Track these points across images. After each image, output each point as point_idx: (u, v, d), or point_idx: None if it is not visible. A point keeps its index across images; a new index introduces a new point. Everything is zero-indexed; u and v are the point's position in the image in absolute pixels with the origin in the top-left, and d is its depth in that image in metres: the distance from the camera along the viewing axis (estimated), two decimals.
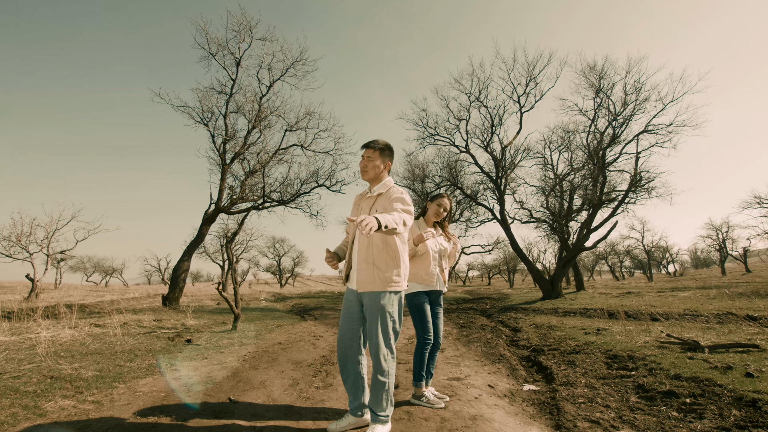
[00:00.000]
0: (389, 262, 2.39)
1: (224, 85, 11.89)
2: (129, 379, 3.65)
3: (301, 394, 3.25)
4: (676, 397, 2.96)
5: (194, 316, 8.77)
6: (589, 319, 7.94)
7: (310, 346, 5.55)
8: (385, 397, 2.37)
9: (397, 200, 2.36)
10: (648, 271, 36.53)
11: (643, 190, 13.88)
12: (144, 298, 15.49)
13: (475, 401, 3.04)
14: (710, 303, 9.33)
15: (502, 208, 15.53)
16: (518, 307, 11.53)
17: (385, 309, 2.36)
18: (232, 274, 7.55)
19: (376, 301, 2.36)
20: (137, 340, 5.62)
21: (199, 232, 11.77)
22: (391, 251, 2.41)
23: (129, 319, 7.89)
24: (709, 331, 5.52)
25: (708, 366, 3.56)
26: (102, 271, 40.29)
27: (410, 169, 19.16)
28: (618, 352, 4.47)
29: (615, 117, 14.17)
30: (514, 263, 39.90)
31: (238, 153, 11.95)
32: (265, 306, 13.76)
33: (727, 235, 32.45)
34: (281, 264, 41.99)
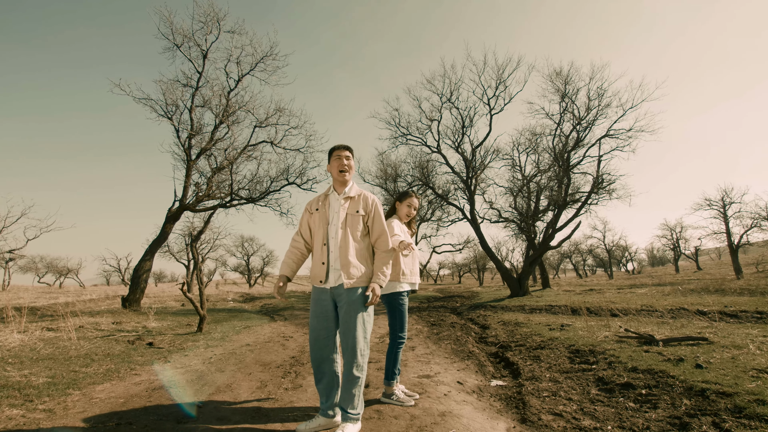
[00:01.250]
0: (369, 260, 2.58)
1: (190, 78, 11.44)
2: (84, 385, 3.45)
3: (270, 396, 3.18)
4: (633, 388, 3.11)
5: (157, 318, 8.42)
6: (554, 316, 8.22)
7: (279, 347, 5.45)
8: (357, 394, 2.38)
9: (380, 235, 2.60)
10: (609, 269, 38.33)
11: (605, 192, 14.53)
12: (102, 300, 14.74)
13: (444, 398, 3.08)
14: (665, 299, 9.90)
15: (472, 207, 15.83)
16: (487, 305, 11.80)
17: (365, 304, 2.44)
18: (198, 274, 7.31)
19: (357, 296, 2.43)
20: (94, 344, 5.33)
21: (163, 231, 11.29)
22: (371, 250, 2.63)
23: (85, 322, 7.48)
24: (664, 326, 5.84)
25: (662, 358, 3.76)
26: (56, 271, 37.91)
27: (382, 168, 19.22)
28: (580, 347, 4.65)
29: (579, 121, 14.73)
30: (483, 262, 40.81)
31: (205, 149, 11.54)
32: (233, 307, 13.41)
33: (681, 235, 34.55)
34: (250, 263, 40.98)
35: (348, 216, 2.55)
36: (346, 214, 2.55)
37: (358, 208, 2.57)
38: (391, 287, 3.02)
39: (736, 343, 4.19)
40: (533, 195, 16.91)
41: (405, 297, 3.07)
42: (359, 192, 2.67)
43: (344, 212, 2.56)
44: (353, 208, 2.57)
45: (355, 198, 2.62)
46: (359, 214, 2.56)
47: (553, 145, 15.77)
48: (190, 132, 11.31)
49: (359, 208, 2.58)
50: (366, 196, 2.65)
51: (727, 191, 22.11)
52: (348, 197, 2.61)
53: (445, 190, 17.53)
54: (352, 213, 2.56)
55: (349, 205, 2.59)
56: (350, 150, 2.69)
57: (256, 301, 16.97)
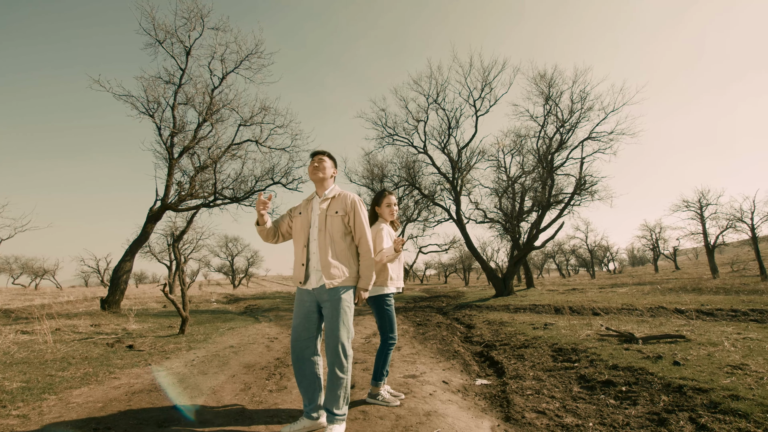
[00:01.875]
0: (352, 260, 2.56)
1: (172, 75, 11.23)
2: (61, 389, 3.35)
3: (254, 398, 3.14)
4: (614, 385, 3.17)
5: (137, 320, 8.23)
6: (538, 315, 8.35)
7: (263, 349, 5.39)
8: (342, 395, 2.37)
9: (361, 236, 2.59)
10: (591, 269, 39.11)
11: (587, 193, 14.83)
12: (80, 302, 14.34)
13: (429, 398, 3.09)
14: (644, 298, 10.15)
15: (458, 208, 15.96)
16: (473, 305, 11.90)
17: (346, 304, 2.44)
18: (180, 274, 7.17)
19: (340, 296, 2.43)
20: (71, 348, 5.18)
21: (143, 231, 11.04)
22: (352, 249, 2.61)
23: (62, 324, 7.26)
24: (643, 324, 5.98)
25: (641, 356, 3.85)
26: (31, 272, 36.66)
27: (369, 168, 19.22)
28: (563, 346, 4.73)
29: (562, 124, 14.99)
30: (469, 262, 41.19)
31: (188, 147, 11.33)
32: (217, 308, 13.21)
33: (660, 236, 35.49)
34: (234, 264, 40.42)
35: (327, 217, 2.55)
36: (325, 215, 2.56)
37: (337, 209, 2.58)
38: (377, 290, 3.03)
39: (712, 341, 4.32)
40: (518, 196, 17.15)
41: (391, 298, 3.09)
42: (339, 192, 2.68)
43: (324, 213, 2.57)
44: (333, 209, 2.58)
45: (335, 198, 2.63)
46: (338, 214, 2.56)
47: (538, 147, 16.02)
48: (172, 130, 11.09)
49: (338, 209, 2.58)
50: (345, 196, 2.64)
51: (704, 193, 22.81)
52: (327, 198, 2.62)
53: (431, 191, 17.64)
54: (332, 214, 2.56)
55: (329, 206, 2.60)
56: (324, 153, 2.70)
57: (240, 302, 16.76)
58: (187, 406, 2.94)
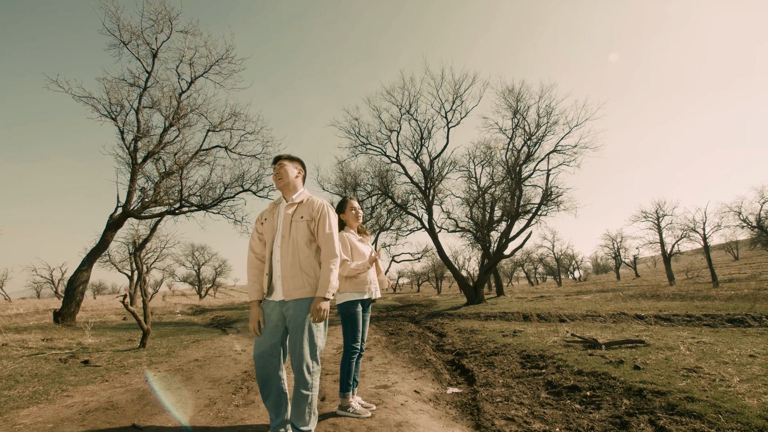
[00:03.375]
0: (317, 268, 2.38)
1: (137, 77, 10.84)
2: (6, 410, 3.10)
3: (219, 414, 3.01)
4: (579, 390, 3.26)
5: (94, 333, 7.76)
6: (507, 322, 8.50)
7: (230, 362, 5.20)
8: (307, 410, 2.26)
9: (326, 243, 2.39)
10: (558, 277, 40.40)
11: (553, 204, 15.37)
12: (31, 315, 13.40)
13: (401, 408, 3.06)
14: (607, 305, 10.55)
15: (431, 217, 16.13)
16: (445, 313, 11.98)
17: (308, 318, 2.28)
18: (142, 285, 6.84)
19: (304, 309, 2.27)
20: (19, 364, 4.81)
21: (103, 239, 10.49)
22: (318, 257, 2.42)
23: (9, 339, 6.75)
24: (606, 330, 6.21)
25: (605, 361, 3.98)
26: None
27: (342, 176, 19.14)
28: (531, 352, 4.82)
29: (530, 137, 15.53)
30: (441, 270, 41.56)
31: (152, 152, 10.92)
32: (181, 320, 12.68)
33: (621, 245, 37.16)
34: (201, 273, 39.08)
35: (292, 223, 2.41)
36: (290, 221, 2.42)
37: (303, 214, 2.43)
38: (343, 296, 2.97)
39: (669, 345, 4.53)
40: (488, 206, 17.54)
41: (357, 306, 2.99)
42: (308, 198, 2.53)
43: (288, 219, 2.43)
44: (298, 215, 2.44)
45: (303, 204, 2.49)
46: (304, 219, 2.41)
47: (506, 159, 16.49)
48: (136, 134, 10.67)
49: (304, 214, 2.43)
50: (313, 201, 2.50)
51: (660, 204, 24.17)
52: (294, 203, 2.49)
53: (404, 200, 17.76)
54: (297, 219, 2.41)
55: (295, 211, 2.46)
56: (284, 158, 2.57)
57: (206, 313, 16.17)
58: (147, 425, 2.78)
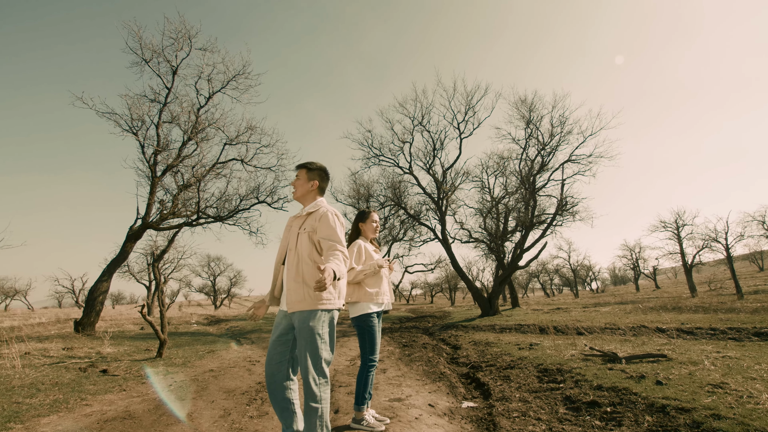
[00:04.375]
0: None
1: (158, 94, 11.20)
2: (28, 417, 3.17)
3: (234, 425, 3.03)
4: (599, 406, 3.17)
5: (112, 343, 7.90)
6: (523, 335, 8.35)
7: (245, 373, 5.23)
8: (319, 423, 2.25)
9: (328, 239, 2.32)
10: (574, 288, 39.56)
11: (569, 214, 15.15)
12: (52, 324, 13.72)
13: (415, 422, 3.02)
14: (627, 317, 10.27)
15: (444, 228, 16.06)
16: (459, 325, 11.83)
17: (315, 330, 2.26)
18: (159, 295, 6.96)
19: (306, 321, 2.27)
20: (41, 373, 4.93)
21: (122, 250, 10.74)
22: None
23: (32, 348, 6.92)
24: (626, 343, 6.04)
25: (625, 376, 3.87)
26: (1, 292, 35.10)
27: (355, 188, 19.29)
28: (548, 366, 4.72)
29: (543, 146, 15.41)
30: (455, 281, 41.15)
31: (171, 165, 11.21)
32: (197, 330, 12.80)
33: (640, 255, 36.25)
34: (216, 284, 39.46)
35: (299, 235, 2.42)
36: (297, 233, 2.43)
37: (306, 226, 2.43)
38: (360, 309, 2.97)
39: (693, 360, 4.38)
40: (502, 216, 17.38)
41: (374, 318, 3.00)
42: (318, 208, 2.49)
43: (295, 232, 2.45)
44: (304, 227, 2.44)
45: (311, 215, 2.48)
46: (306, 231, 2.40)
47: (520, 169, 16.38)
48: (156, 148, 10.98)
49: (307, 226, 2.43)
50: (318, 210, 2.47)
51: (680, 214, 23.56)
52: (302, 216, 2.51)
53: (416, 211, 17.75)
54: (302, 231, 2.42)
55: (303, 223, 2.48)
56: (300, 167, 2.59)
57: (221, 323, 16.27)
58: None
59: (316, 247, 2.40)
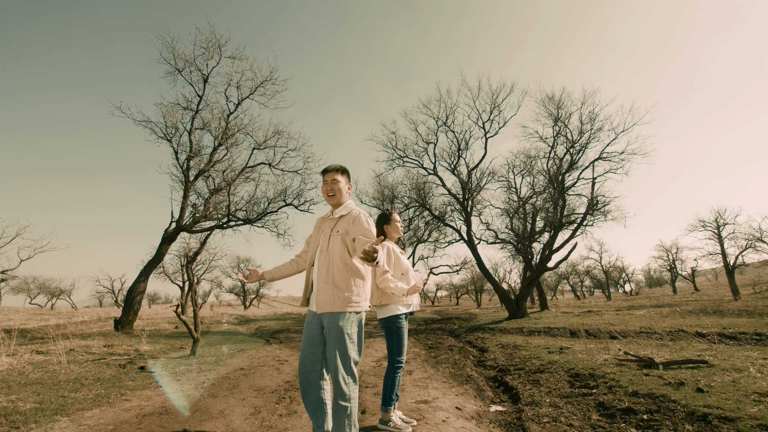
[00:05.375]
0: (349, 282, 2.40)
1: (190, 101, 11.66)
2: (73, 411, 3.36)
3: (264, 423, 3.11)
4: (635, 413, 3.06)
5: (149, 341, 8.26)
6: (553, 338, 8.14)
7: (274, 372, 5.35)
8: (347, 422, 2.29)
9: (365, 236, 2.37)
10: (606, 291, 38.17)
11: (600, 214, 14.66)
12: (94, 322, 14.45)
13: (443, 424, 3.01)
14: (663, 321, 9.83)
15: (469, 229, 15.88)
16: (485, 327, 11.67)
17: (344, 330, 2.31)
18: (192, 295, 7.22)
19: (336, 323, 2.32)
20: (84, 368, 5.21)
21: (158, 252, 11.22)
22: (351, 271, 2.43)
23: (76, 345, 7.33)
24: (663, 348, 5.79)
25: (662, 382, 3.71)
26: (48, 292, 37.24)
27: (380, 189, 19.34)
28: (580, 371, 4.59)
29: (572, 144, 14.99)
30: (481, 283, 40.56)
31: (203, 170, 11.62)
32: (228, 329, 13.18)
33: (677, 256, 34.59)
34: (246, 285, 40.51)
35: (331, 237, 2.48)
36: (329, 236, 2.49)
37: (339, 229, 2.49)
38: (388, 310, 3.00)
39: (737, 366, 4.15)
40: (529, 216, 17.02)
41: (403, 320, 3.02)
42: (349, 211, 2.57)
43: (327, 234, 2.51)
44: (336, 229, 2.50)
45: (343, 218, 2.54)
46: (339, 234, 2.47)
47: (548, 168, 16.00)
48: (189, 154, 11.42)
49: (340, 228, 2.49)
50: (351, 213, 2.54)
51: (721, 212, 22.32)
52: (334, 218, 2.56)
53: (441, 212, 17.63)
54: (335, 234, 2.48)
55: (335, 225, 2.53)
56: (338, 171, 2.61)
57: (251, 323, 16.69)
58: (197, 431, 2.92)
59: (348, 250, 2.44)
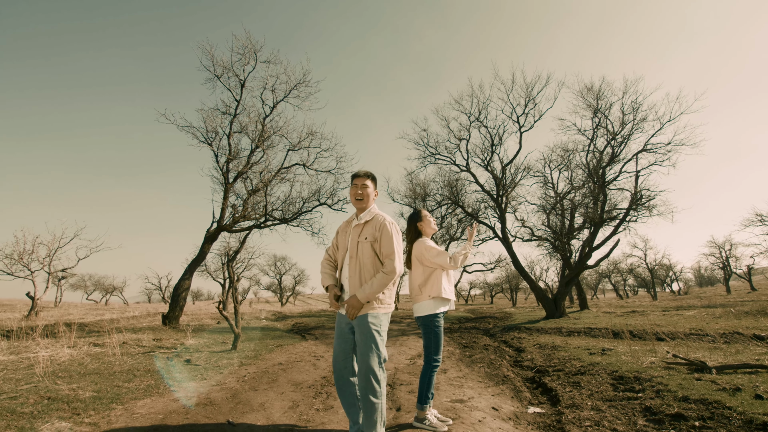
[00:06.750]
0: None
1: (228, 106, 12.11)
2: (127, 400, 3.60)
3: (302, 417, 3.19)
4: (685, 420, 2.90)
5: (194, 335, 8.69)
6: (594, 339, 7.83)
7: (310, 367, 5.48)
8: (378, 419, 2.35)
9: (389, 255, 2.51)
10: (652, 290, 36.18)
11: (644, 209, 13.89)
12: (144, 317, 15.36)
13: (479, 424, 2.98)
14: (716, 322, 9.21)
15: (504, 226, 15.53)
16: (521, 327, 11.39)
17: (373, 329, 2.41)
18: (233, 292, 7.51)
19: (366, 322, 2.42)
20: (136, 360, 5.56)
21: (201, 251, 11.76)
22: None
23: (128, 338, 7.82)
24: (716, 351, 5.43)
25: (716, 387, 3.49)
26: (102, 289, 40.02)
27: (411, 187, 19.29)
28: (624, 373, 4.40)
29: (614, 136, 14.31)
30: (516, 282, 39.63)
31: (241, 172, 12.06)
32: (266, 325, 13.62)
33: (731, 253, 32.23)
34: (282, 282, 41.69)
35: (359, 243, 2.56)
36: (357, 241, 2.58)
37: (367, 235, 2.57)
38: (426, 308, 3.01)
39: None
40: (567, 212, 16.42)
41: (441, 318, 3.03)
42: (374, 216, 2.65)
43: (355, 240, 2.59)
44: (363, 235, 2.58)
45: (369, 223, 2.62)
46: (368, 240, 2.55)
47: (587, 161, 15.36)
48: (228, 156, 11.88)
49: (368, 235, 2.57)
50: (377, 221, 2.62)
51: None
52: (360, 224, 2.64)
53: (474, 209, 17.35)
54: (362, 240, 2.56)
55: (362, 231, 2.61)
56: (368, 177, 2.70)
57: (287, 319, 17.17)
58: (240, 422, 3.05)
59: (377, 255, 2.55)
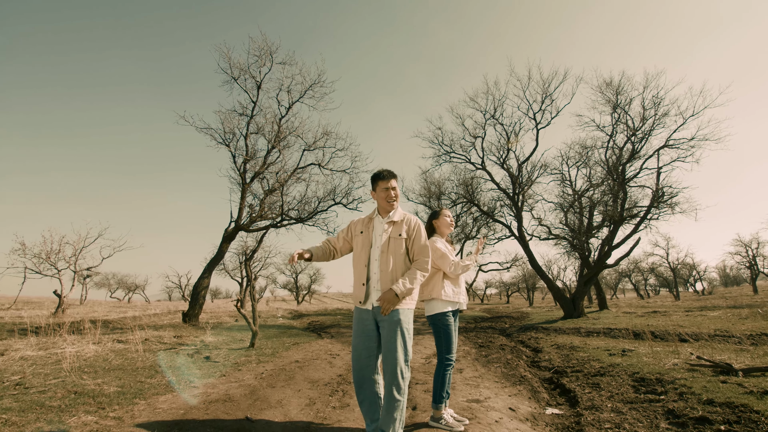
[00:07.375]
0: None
1: (245, 108, 12.30)
2: (149, 395, 3.70)
3: (318, 414, 3.23)
4: (710, 423, 2.81)
5: (213, 332, 8.86)
6: (614, 340, 7.67)
7: (326, 365, 5.52)
8: (398, 417, 2.36)
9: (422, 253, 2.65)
10: (674, 290, 35.20)
11: (666, 206, 13.52)
12: (165, 315, 15.74)
13: (495, 425, 2.96)
14: (742, 323, 8.91)
15: (520, 224, 15.33)
16: (539, 327, 11.24)
17: (403, 325, 2.44)
18: (251, 291, 7.63)
19: (400, 318, 2.46)
20: (158, 356, 5.70)
21: (219, 250, 11.98)
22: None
23: (150, 335, 8.02)
24: (743, 353, 5.26)
25: (743, 390, 3.38)
26: (125, 287, 41.25)
27: (426, 186, 19.23)
28: (645, 375, 4.30)
29: (634, 132, 13.97)
30: (533, 281, 39.10)
31: (258, 172, 12.23)
32: (282, 323, 13.79)
33: (758, 252, 31.09)
34: (298, 281, 42.12)
35: (391, 239, 2.62)
36: (389, 237, 2.63)
37: (400, 232, 2.64)
38: (434, 307, 3.00)
39: None
40: (585, 210, 16.10)
41: (450, 317, 3.01)
42: (403, 216, 2.74)
43: (387, 236, 2.63)
44: (396, 232, 2.64)
45: (399, 222, 2.69)
46: (401, 237, 2.63)
47: (606, 158, 15.04)
48: (245, 157, 12.07)
49: (402, 232, 2.64)
50: (409, 219, 2.72)
51: None
52: (391, 221, 2.69)
53: (490, 207, 17.19)
54: (395, 236, 2.63)
55: (392, 229, 2.66)
56: (396, 178, 2.78)
57: (303, 318, 17.35)
58: (258, 419, 3.10)
59: (409, 252, 2.66)
